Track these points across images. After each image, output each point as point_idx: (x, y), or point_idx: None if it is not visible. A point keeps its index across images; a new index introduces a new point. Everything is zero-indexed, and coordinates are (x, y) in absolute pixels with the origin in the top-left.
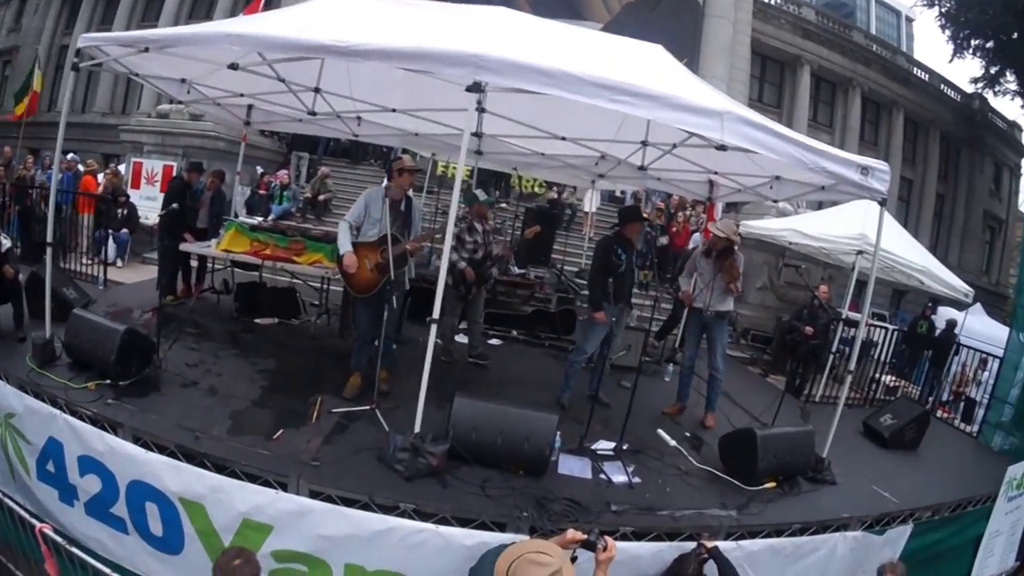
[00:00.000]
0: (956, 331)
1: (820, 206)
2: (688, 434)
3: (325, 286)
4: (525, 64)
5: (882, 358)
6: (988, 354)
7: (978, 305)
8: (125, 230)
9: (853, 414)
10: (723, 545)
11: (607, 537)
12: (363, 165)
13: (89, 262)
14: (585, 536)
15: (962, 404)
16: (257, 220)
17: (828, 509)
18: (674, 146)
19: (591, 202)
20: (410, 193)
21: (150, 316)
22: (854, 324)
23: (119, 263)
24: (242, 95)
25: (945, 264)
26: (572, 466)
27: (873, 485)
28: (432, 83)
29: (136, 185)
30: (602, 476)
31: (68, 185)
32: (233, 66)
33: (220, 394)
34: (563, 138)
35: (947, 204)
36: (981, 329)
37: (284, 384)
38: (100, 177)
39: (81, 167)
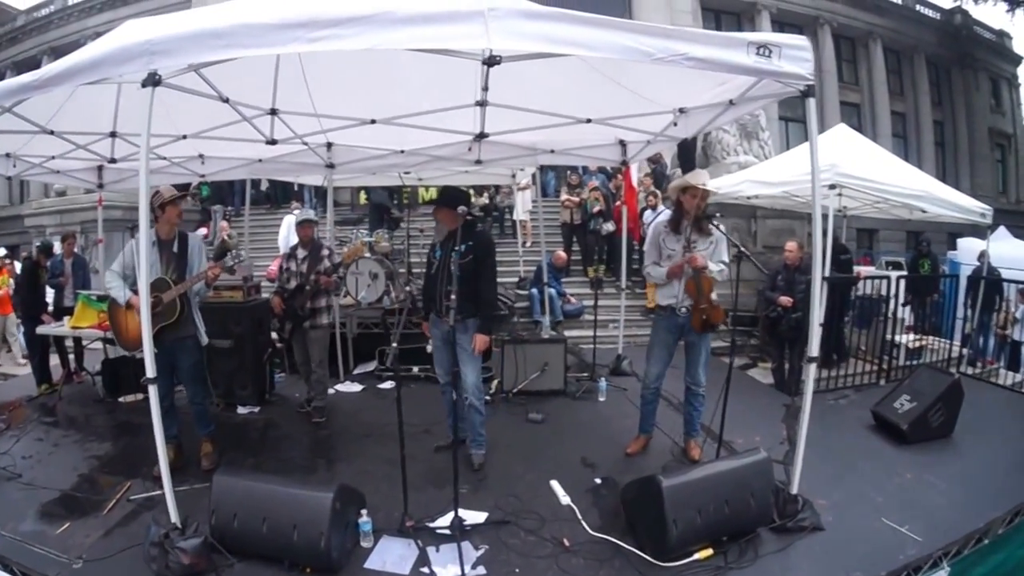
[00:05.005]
0: (984, 261)
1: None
2: (599, 480)
3: None
4: (195, 32)
5: (892, 314)
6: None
7: (1001, 228)
8: None
9: (862, 400)
10: None
11: None
12: (283, 208)
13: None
14: None
15: (992, 347)
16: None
17: None
18: (486, 89)
19: (521, 206)
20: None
21: (13, 411)
22: (848, 281)
23: None
24: (52, 157)
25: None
26: (388, 556)
27: (883, 518)
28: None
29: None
30: (424, 570)
31: None
32: None
33: (35, 485)
34: (373, 121)
35: (947, 130)
36: (1009, 253)
37: (108, 468)
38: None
39: None
